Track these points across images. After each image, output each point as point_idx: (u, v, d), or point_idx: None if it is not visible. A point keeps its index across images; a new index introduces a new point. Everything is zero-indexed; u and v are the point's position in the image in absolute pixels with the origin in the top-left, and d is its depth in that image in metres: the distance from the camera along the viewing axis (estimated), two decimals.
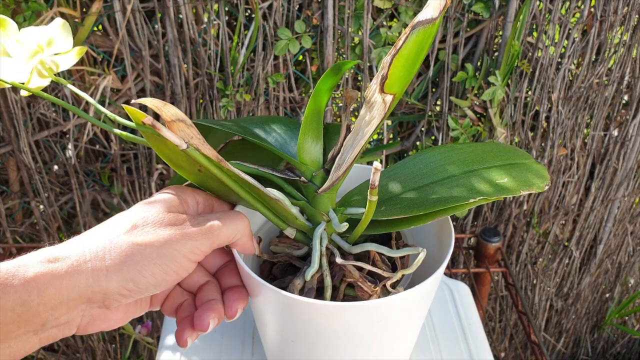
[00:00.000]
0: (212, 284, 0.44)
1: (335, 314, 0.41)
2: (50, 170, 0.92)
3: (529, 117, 0.91)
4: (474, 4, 0.81)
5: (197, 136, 0.38)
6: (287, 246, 0.48)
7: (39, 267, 0.34)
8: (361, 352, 0.45)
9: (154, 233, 0.37)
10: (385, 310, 0.42)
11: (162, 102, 0.36)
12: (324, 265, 0.44)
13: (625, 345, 1.38)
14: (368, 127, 0.40)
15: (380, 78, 0.38)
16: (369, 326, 0.43)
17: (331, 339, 0.43)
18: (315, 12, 0.80)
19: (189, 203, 0.42)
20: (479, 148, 0.48)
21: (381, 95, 0.39)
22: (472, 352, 0.64)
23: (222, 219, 0.40)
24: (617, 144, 1.00)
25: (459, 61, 0.85)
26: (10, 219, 0.96)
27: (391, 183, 0.47)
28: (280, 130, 0.50)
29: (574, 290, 1.22)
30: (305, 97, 0.88)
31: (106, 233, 0.37)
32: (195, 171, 0.41)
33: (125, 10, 0.75)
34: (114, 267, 0.35)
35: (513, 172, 0.44)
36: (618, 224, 1.13)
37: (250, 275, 0.42)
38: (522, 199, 1.02)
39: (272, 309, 0.44)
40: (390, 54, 0.37)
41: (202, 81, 0.83)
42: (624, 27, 0.86)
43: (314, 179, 0.45)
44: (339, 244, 0.45)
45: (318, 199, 0.44)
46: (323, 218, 0.45)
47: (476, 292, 0.88)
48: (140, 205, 0.40)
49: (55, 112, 0.85)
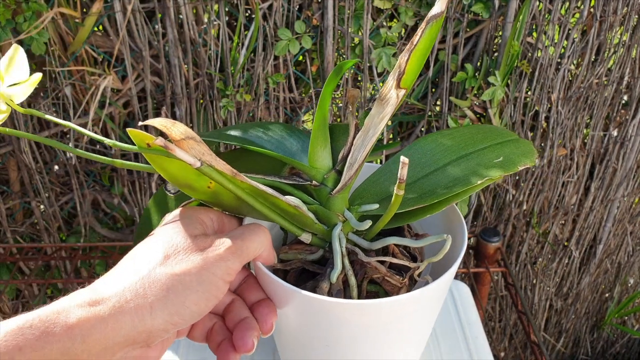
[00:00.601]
0: (238, 302, 0.43)
1: (372, 312, 0.41)
2: (50, 170, 0.92)
3: (528, 117, 0.91)
4: (473, 4, 0.81)
5: (208, 152, 0.37)
6: (299, 252, 0.48)
7: (81, 311, 0.32)
8: (396, 347, 0.46)
9: (188, 260, 0.36)
10: (423, 299, 0.43)
11: (171, 121, 0.35)
12: (346, 265, 0.44)
13: (624, 345, 1.38)
14: (380, 123, 0.41)
15: (397, 74, 0.40)
16: (401, 320, 0.43)
17: (369, 337, 0.44)
18: (315, 13, 0.80)
19: (206, 223, 0.41)
20: (467, 131, 0.49)
21: (396, 91, 0.40)
22: (471, 351, 0.64)
23: (246, 235, 0.39)
24: (617, 144, 1.00)
25: (459, 61, 0.85)
26: (10, 219, 0.96)
27: (393, 177, 0.48)
28: (277, 136, 0.50)
29: (574, 290, 1.22)
30: (305, 97, 0.88)
31: (140, 267, 0.36)
32: (205, 189, 0.40)
33: (126, 10, 0.76)
34: (158, 302, 0.34)
35: (505, 150, 0.46)
36: (617, 224, 1.13)
37: (283, 285, 0.41)
38: (522, 199, 1.02)
39: (305, 317, 0.44)
40: (408, 50, 0.39)
41: (203, 81, 0.83)
42: (623, 27, 0.87)
43: (326, 181, 0.45)
44: (357, 242, 0.46)
45: (332, 200, 0.45)
46: (339, 219, 0.45)
47: (476, 292, 0.88)
48: (163, 231, 0.39)
49: (56, 112, 0.85)
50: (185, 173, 0.38)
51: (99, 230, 0.96)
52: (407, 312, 0.43)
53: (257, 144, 0.49)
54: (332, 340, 0.44)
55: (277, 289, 0.43)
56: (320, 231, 0.45)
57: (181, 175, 0.39)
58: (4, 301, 1.02)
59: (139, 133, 0.35)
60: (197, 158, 0.36)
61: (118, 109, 0.85)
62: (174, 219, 0.40)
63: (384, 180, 0.48)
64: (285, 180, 0.44)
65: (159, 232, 0.39)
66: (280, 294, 0.43)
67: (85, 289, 0.35)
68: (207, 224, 0.41)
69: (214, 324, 0.42)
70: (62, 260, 0.97)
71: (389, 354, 0.46)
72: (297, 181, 0.45)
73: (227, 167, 0.38)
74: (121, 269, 0.36)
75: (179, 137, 0.35)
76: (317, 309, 0.42)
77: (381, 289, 0.47)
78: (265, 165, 0.49)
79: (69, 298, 0.33)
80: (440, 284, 0.42)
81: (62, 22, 0.77)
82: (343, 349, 0.45)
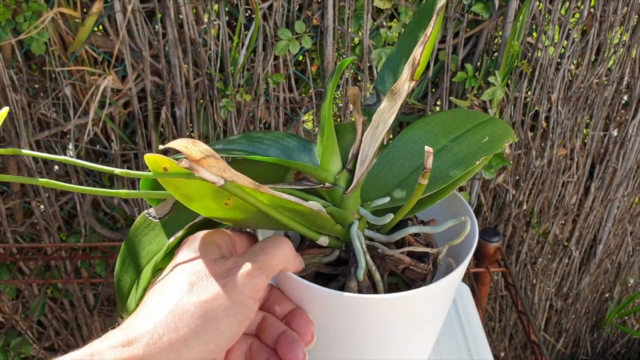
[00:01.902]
0: (270, 318, 0.42)
1: (411, 302, 0.42)
2: (50, 170, 0.92)
3: (528, 117, 0.91)
4: (473, 5, 0.81)
5: (227, 168, 0.35)
6: (313, 256, 0.48)
7: (115, 353, 0.32)
8: (421, 337, 0.47)
9: (214, 285, 0.35)
10: (455, 280, 0.44)
11: (191, 141, 0.34)
12: (369, 261, 0.45)
13: (624, 345, 1.38)
14: (391, 118, 0.42)
15: (412, 66, 0.41)
16: (433, 306, 0.45)
17: (400, 329, 0.45)
18: (315, 13, 0.80)
19: (221, 245, 0.40)
20: (446, 117, 0.51)
21: (409, 83, 0.41)
22: (471, 351, 0.64)
23: (268, 249, 0.39)
24: (617, 144, 1.00)
25: (459, 61, 0.85)
26: (10, 219, 0.96)
27: (394, 169, 0.49)
28: (275, 143, 0.50)
29: (574, 290, 1.22)
30: (305, 97, 0.88)
31: (168, 300, 0.35)
32: (222, 205, 0.39)
33: (126, 10, 0.76)
34: (191, 333, 0.33)
35: (487, 130, 0.48)
36: (617, 223, 1.13)
37: (321, 290, 0.41)
38: (522, 199, 1.02)
39: (342, 318, 0.43)
40: (422, 42, 0.40)
41: (203, 81, 0.83)
42: (623, 27, 0.87)
43: (338, 181, 0.45)
44: (374, 237, 0.46)
45: (346, 200, 0.45)
46: (354, 217, 0.45)
47: (476, 292, 0.88)
48: (182, 261, 0.38)
49: (56, 113, 0.85)
50: (202, 192, 0.37)
51: (99, 230, 0.96)
52: (440, 296, 0.44)
53: (259, 153, 0.49)
54: (368, 338, 0.45)
55: (312, 294, 0.42)
56: (339, 232, 0.45)
57: (197, 195, 0.38)
58: (4, 301, 1.02)
59: (156, 158, 0.34)
60: (219, 176, 0.35)
61: (118, 109, 0.85)
62: (189, 248, 0.39)
63: (385, 174, 0.48)
64: (297, 187, 0.44)
65: (179, 260, 0.38)
66: (315, 299, 0.42)
67: (117, 329, 0.34)
68: (223, 246, 0.40)
69: (250, 344, 0.41)
70: (62, 260, 0.97)
71: (416, 343, 0.48)
72: (309, 185, 0.44)
73: (248, 180, 0.37)
74: (149, 304, 0.35)
75: (199, 156, 0.34)
76: (358, 309, 0.42)
77: (400, 280, 0.48)
78: (267, 174, 0.49)
79: (101, 340, 0.33)
80: (465, 264, 0.44)
81: (62, 22, 0.77)
82: (380, 345, 0.45)
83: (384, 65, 0.49)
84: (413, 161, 0.48)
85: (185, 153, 0.33)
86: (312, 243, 0.48)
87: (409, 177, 0.47)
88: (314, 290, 0.41)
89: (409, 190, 0.46)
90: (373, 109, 0.47)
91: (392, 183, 0.47)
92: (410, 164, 0.48)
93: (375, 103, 0.48)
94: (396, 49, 0.49)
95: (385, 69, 0.49)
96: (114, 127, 0.87)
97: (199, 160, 0.34)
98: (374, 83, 0.50)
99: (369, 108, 0.47)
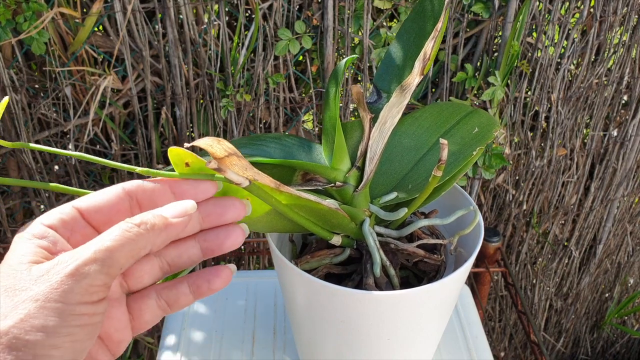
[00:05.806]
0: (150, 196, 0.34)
1: (438, 292, 0.43)
2: (50, 170, 0.92)
3: (528, 117, 0.91)
4: (473, 5, 0.81)
5: (249, 166, 0.35)
6: (323, 257, 0.48)
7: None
8: (442, 324, 0.49)
9: (28, 301, 0.26)
10: (466, 273, 0.45)
11: (217, 139, 0.33)
12: (383, 257, 0.45)
13: (624, 345, 1.38)
14: (398, 114, 0.43)
15: (423, 61, 0.41)
16: (449, 297, 0.46)
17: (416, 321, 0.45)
18: (315, 13, 0.80)
19: (48, 236, 0.30)
20: (434, 110, 0.52)
21: (419, 78, 0.42)
22: (471, 351, 0.64)
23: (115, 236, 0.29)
24: (617, 144, 1.00)
25: (459, 61, 0.85)
26: (11, 219, 0.96)
27: (394, 164, 0.49)
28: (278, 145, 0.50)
29: (574, 290, 1.22)
30: (305, 97, 0.89)
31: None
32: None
33: (126, 10, 0.76)
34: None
35: (474, 122, 0.49)
36: (617, 223, 1.13)
37: (344, 290, 0.41)
38: (522, 199, 1.02)
39: (369, 316, 0.44)
40: (433, 37, 0.41)
41: (203, 81, 0.83)
42: (623, 27, 0.87)
43: (348, 179, 0.45)
44: (385, 233, 0.47)
45: (357, 197, 0.45)
46: (365, 214, 0.45)
47: (476, 291, 0.88)
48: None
49: (56, 113, 0.85)
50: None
51: None
52: (461, 282, 0.45)
53: (263, 155, 0.49)
54: (393, 333, 0.45)
55: (336, 297, 0.42)
56: (352, 230, 0.46)
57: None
58: None
59: (180, 151, 0.33)
60: (243, 176, 0.34)
61: (118, 109, 0.85)
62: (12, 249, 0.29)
63: (386, 170, 0.49)
64: (307, 187, 0.44)
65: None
66: (339, 301, 0.42)
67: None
68: (52, 238, 0.30)
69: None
70: None
71: (438, 330, 0.49)
72: (319, 185, 0.44)
73: (269, 179, 0.36)
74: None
75: (222, 154, 0.33)
76: (387, 305, 0.42)
77: (410, 273, 0.49)
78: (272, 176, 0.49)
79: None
80: (477, 250, 0.45)
81: (62, 22, 0.77)
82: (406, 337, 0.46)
83: (381, 62, 0.49)
84: (412, 155, 0.48)
85: (209, 152, 0.32)
86: (319, 245, 0.48)
87: (410, 171, 0.48)
88: (341, 293, 0.41)
89: (413, 185, 0.46)
90: (375, 106, 0.47)
91: (394, 179, 0.48)
92: (409, 158, 0.48)
93: (376, 100, 0.48)
94: (395, 46, 0.49)
95: (383, 66, 0.49)
96: (114, 127, 0.87)
97: (222, 159, 0.33)
98: (373, 81, 0.50)
99: (370, 105, 0.47)
